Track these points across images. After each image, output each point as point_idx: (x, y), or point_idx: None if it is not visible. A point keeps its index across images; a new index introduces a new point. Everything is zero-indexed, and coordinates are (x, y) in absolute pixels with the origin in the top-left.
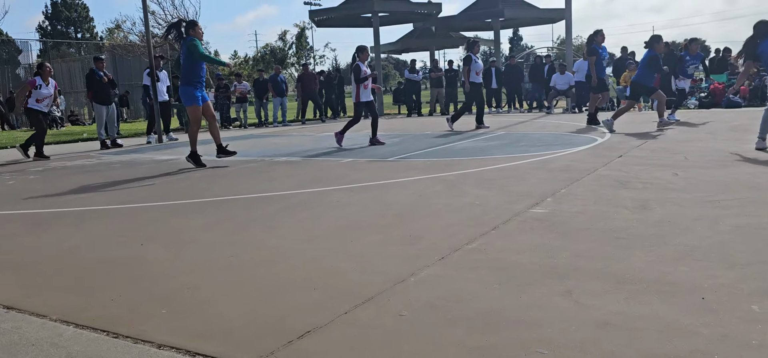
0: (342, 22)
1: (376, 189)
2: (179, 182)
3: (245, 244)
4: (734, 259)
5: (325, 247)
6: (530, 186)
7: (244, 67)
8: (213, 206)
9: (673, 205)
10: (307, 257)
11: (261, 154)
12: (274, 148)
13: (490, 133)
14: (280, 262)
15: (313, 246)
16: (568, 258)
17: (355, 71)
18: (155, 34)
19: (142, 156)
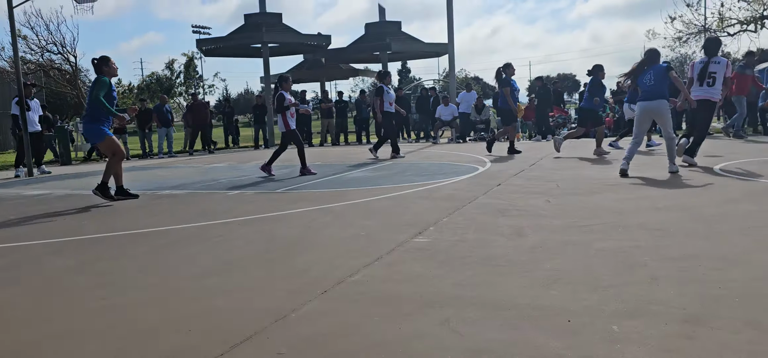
0: (231, 52)
1: (263, 222)
2: (49, 219)
3: (118, 285)
4: (598, 281)
5: (205, 285)
6: (414, 216)
7: (127, 97)
8: (85, 245)
9: (546, 231)
10: (185, 296)
11: (143, 188)
12: (157, 181)
13: (379, 164)
14: (155, 303)
15: (191, 285)
16: (448, 287)
17: (279, 100)
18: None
19: (8, 191)
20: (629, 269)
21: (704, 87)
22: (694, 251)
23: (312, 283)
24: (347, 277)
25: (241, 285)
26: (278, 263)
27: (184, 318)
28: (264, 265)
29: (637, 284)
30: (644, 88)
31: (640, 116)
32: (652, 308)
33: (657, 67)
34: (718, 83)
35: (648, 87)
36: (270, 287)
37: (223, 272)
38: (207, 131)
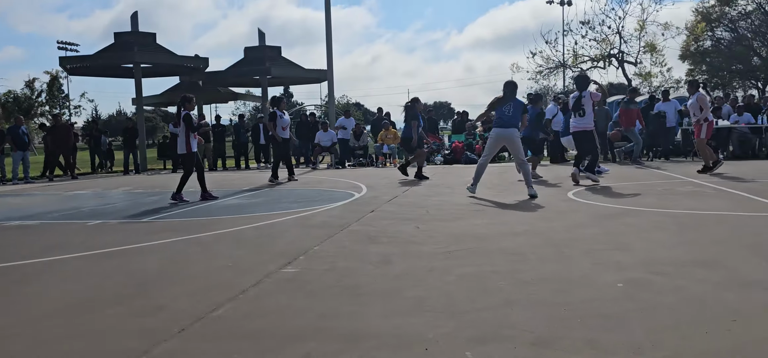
0: (100, 72)
1: (123, 255)
2: None
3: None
4: (456, 308)
5: (48, 328)
6: (285, 245)
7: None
8: None
9: (413, 257)
10: (27, 342)
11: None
12: (7, 210)
13: (255, 190)
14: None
15: (32, 329)
16: (312, 319)
17: (187, 120)
18: None
19: None
20: (486, 294)
21: (577, 119)
22: (544, 274)
23: (169, 321)
24: (208, 312)
25: (92, 326)
26: (135, 300)
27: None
28: (120, 302)
29: (492, 308)
30: (503, 116)
31: (492, 142)
32: (504, 333)
33: (517, 101)
34: (588, 113)
35: (506, 117)
36: (124, 326)
37: (72, 312)
38: (70, 155)
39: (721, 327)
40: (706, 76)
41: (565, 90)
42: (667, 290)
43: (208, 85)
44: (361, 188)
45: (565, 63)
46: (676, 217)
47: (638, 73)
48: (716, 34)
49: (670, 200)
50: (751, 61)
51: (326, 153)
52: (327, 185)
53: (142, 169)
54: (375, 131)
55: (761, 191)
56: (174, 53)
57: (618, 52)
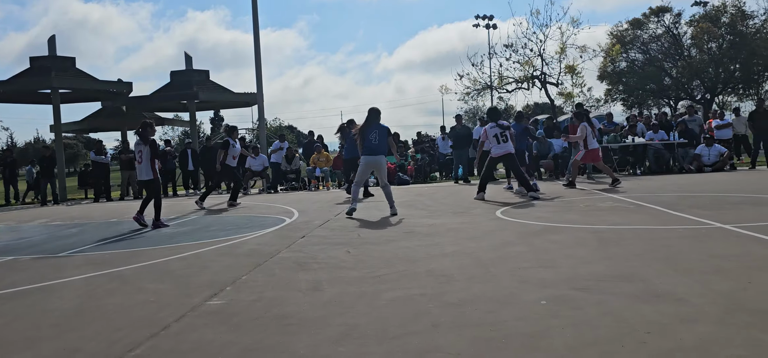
0: (15, 98)
1: (34, 293)
2: None
3: None
4: (385, 333)
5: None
6: (212, 275)
7: None
8: None
9: (343, 283)
10: None
11: None
12: None
13: (183, 218)
14: None
15: None
16: (236, 353)
17: (153, 146)
18: None
19: None
20: (415, 318)
21: (501, 144)
22: (472, 295)
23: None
24: (126, 352)
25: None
26: (48, 342)
27: None
28: (29, 346)
29: (420, 333)
30: (370, 145)
31: (363, 168)
32: (431, 357)
33: (381, 127)
34: (509, 139)
35: (373, 144)
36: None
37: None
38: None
39: (636, 340)
40: (624, 95)
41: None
42: (588, 305)
43: (132, 110)
44: (293, 213)
45: (491, 85)
46: (598, 232)
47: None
48: (630, 56)
49: (592, 215)
50: (662, 81)
51: (257, 178)
52: (258, 211)
53: (61, 199)
54: (307, 154)
55: (674, 204)
56: (95, 78)
57: (541, 73)
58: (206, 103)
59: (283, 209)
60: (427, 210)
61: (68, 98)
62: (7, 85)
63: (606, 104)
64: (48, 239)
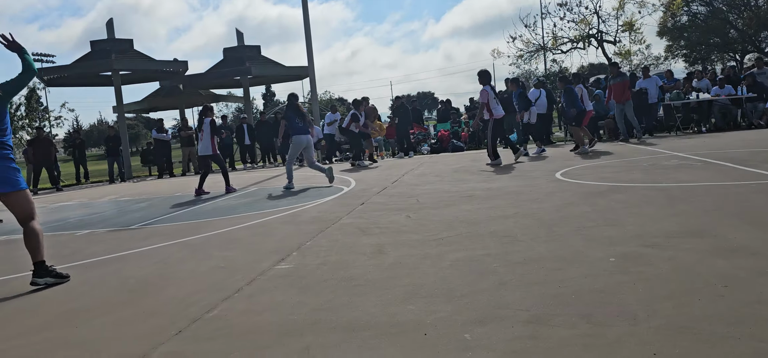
0: (78, 81)
1: (115, 262)
2: None
3: None
4: (452, 292)
5: (43, 339)
6: (277, 242)
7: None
8: None
9: (406, 246)
10: (20, 354)
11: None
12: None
13: (242, 191)
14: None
15: (25, 341)
16: (308, 313)
17: (213, 124)
18: None
19: None
20: (480, 277)
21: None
22: (537, 254)
23: (166, 324)
24: (204, 313)
25: (87, 335)
26: (129, 307)
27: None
28: (113, 310)
29: (487, 291)
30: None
31: (293, 149)
32: (500, 313)
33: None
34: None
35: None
36: (119, 333)
37: (66, 323)
38: (52, 168)
39: (713, 293)
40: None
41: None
42: (659, 261)
43: (188, 89)
44: (350, 182)
45: (545, 46)
46: (665, 190)
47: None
48: (692, 9)
49: (657, 174)
50: (727, 34)
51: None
52: (316, 181)
53: (127, 177)
54: None
55: (745, 159)
56: (152, 58)
57: (597, 32)
58: (259, 78)
59: (339, 179)
60: (484, 175)
61: (128, 79)
62: (71, 69)
63: (666, 61)
64: (119, 213)
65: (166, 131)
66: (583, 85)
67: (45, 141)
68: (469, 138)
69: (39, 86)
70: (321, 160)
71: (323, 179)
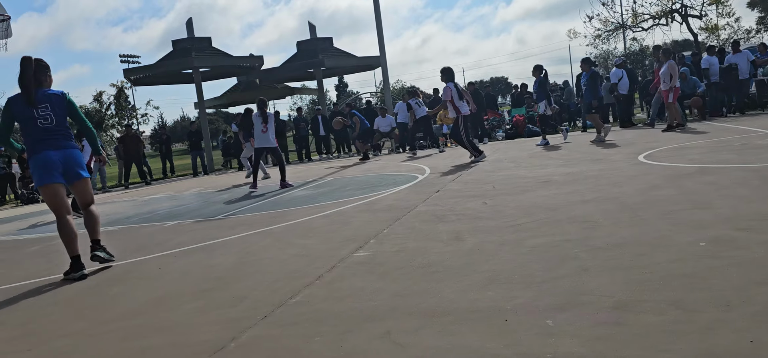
0: (162, 80)
1: (200, 252)
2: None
3: (41, 335)
4: (532, 278)
5: (137, 323)
6: (354, 230)
7: None
8: (7, 294)
9: (483, 233)
10: (115, 338)
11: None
12: None
13: (319, 180)
14: (83, 349)
15: (122, 324)
16: (387, 299)
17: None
18: None
19: None
20: (561, 263)
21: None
22: (620, 239)
23: (251, 310)
24: (287, 299)
25: (177, 320)
26: (216, 293)
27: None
28: (201, 296)
29: (568, 276)
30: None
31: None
32: (583, 299)
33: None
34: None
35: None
36: (208, 318)
37: (157, 308)
38: (141, 163)
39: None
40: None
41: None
42: (754, 245)
43: (264, 83)
44: (424, 170)
45: (624, 24)
46: (759, 171)
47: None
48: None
49: (749, 154)
50: None
51: (386, 138)
52: (390, 170)
53: (209, 170)
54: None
55: None
56: (230, 55)
57: (681, 6)
58: (331, 69)
59: (414, 167)
60: (561, 159)
61: (207, 76)
62: (155, 68)
63: (758, 34)
64: (203, 204)
65: None
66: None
67: (133, 138)
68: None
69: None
70: (394, 148)
71: (398, 167)
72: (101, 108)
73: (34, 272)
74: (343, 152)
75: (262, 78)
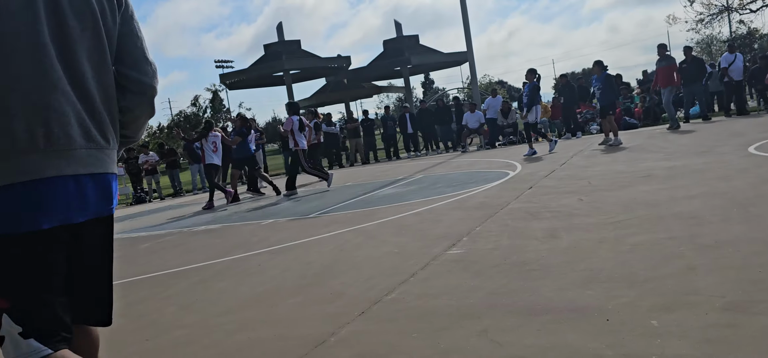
0: (254, 83)
1: (298, 249)
2: None
3: (159, 326)
4: (634, 277)
5: (243, 317)
6: (447, 227)
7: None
8: (124, 289)
9: (580, 230)
10: (224, 331)
11: (178, 226)
12: (194, 217)
13: (409, 178)
14: (197, 340)
15: (230, 318)
16: (483, 296)
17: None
18: None
19: None
20: (665, 262)
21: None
22: (730, 236)
23: (349, 305)
24: (383, 296)
25: (280, 314)
26: (315, 288)
27: (228, 352)
28: (301, 291)
29: (674, 276)
30: None
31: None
32: (691, 299)
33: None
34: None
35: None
36: (308, 313)
37: (261, 302)
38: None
39: None
40: None
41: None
42: None
43: (352, 82)
44: (516, 166)
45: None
46: None
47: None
48: None
49: None
50: None
51: (475, 135)
52: (479, 167)
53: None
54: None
55: None
56: (318, 56)
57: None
58: (418, 67)
59: (504, 163)
60: (663, 152)
61: (297, 78)
62: (248, 72)
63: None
64: (297, 203)
65: (335, 124)
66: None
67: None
68: (643, 114)
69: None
70: (483, 145)
71: (488, 163)
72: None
73: (147, 268)
74: (430, 149)
75: (349, 78)
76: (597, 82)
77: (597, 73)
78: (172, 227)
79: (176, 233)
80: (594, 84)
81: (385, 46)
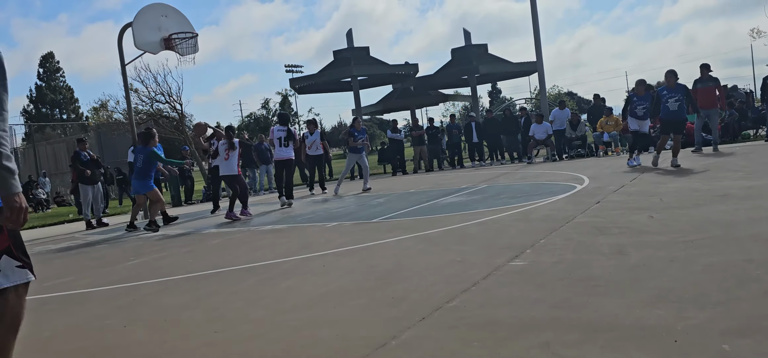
0: (323, 88)
1: (361, 252)
2: (163, 258)
3: (227, 320)
4: (706, 299)
5: (308, 315)
6: (510, 239)
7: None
8: (196, 282)
9: (649, 248)
10: (290, 327)
11: (246, 225)
12: (261, 217)
13: (473, 187)
14: (264, 335)
15: (295, 316)
16: (546, 309)
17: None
18: (140, 110)
19: (128, 234)
20: (740, 284)
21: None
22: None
23: (410, 310)
24: (445, 303)
25: (343, 314)
26: (377, 292)
27: (293, 349)
28: (364, 294)
29: (749, 299)
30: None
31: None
32: (767, 324)
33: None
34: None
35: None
36: (370, 315)
37: (325, 303)
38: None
39: None
40: None
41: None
42: None
43: (418, 90)
44: (583, 180)
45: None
46: None
47: None
48: None
49: None
50: None
51: (541, 146)
52: (545, 179)
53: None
54: (592, 119)
55: None
56: (386, 63)
57: None
58: (485, 76)
59: (571, 176)
60: (742, 171)
61: (364, 84)
62: (317, 77)
63: None
64: (360, 208)
65: (400, 131)
66: None
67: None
68: (723, 130)
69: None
70: (550, 156)
71: (554, 175)
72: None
73: (217, 263)
74: (495, 159)
75: (416, 85)
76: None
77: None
78: (240, 226)
79: (245, 230)
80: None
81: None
